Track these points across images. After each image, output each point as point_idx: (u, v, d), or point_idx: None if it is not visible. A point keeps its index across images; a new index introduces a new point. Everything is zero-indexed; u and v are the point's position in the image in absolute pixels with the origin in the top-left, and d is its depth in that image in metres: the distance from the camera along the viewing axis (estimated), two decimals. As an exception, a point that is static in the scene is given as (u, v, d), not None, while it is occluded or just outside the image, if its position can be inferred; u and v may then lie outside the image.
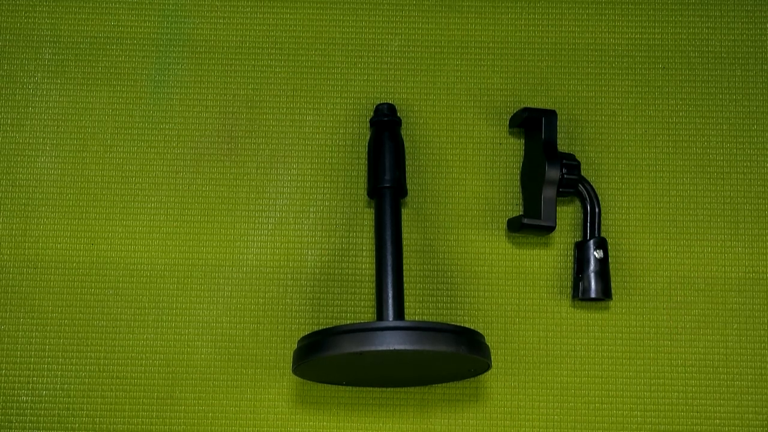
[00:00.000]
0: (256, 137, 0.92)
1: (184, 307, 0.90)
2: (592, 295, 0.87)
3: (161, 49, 0.93)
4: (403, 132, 0.92)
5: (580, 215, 0.91)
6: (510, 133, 0.93)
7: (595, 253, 0.88)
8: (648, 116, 0.93)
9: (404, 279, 0.86)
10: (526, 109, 0.89)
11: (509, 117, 0.92)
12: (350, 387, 0.89)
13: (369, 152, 0.90)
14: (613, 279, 0.90)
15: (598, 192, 0.91)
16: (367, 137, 0.92)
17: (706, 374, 0.90)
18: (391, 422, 0.89)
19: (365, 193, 0.91)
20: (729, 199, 0.92)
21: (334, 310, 0.90)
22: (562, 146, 0.92)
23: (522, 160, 0.92)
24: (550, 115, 0.88)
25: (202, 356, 0.89)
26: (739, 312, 0.90)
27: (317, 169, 0.92)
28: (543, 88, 0.93)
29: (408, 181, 0.91)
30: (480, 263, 0.91)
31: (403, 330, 0.75)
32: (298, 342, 0.80)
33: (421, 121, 0.93)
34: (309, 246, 0.91)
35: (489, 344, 0.84)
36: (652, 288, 0.91)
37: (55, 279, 0.90)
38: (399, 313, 0.82)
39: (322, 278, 0.90)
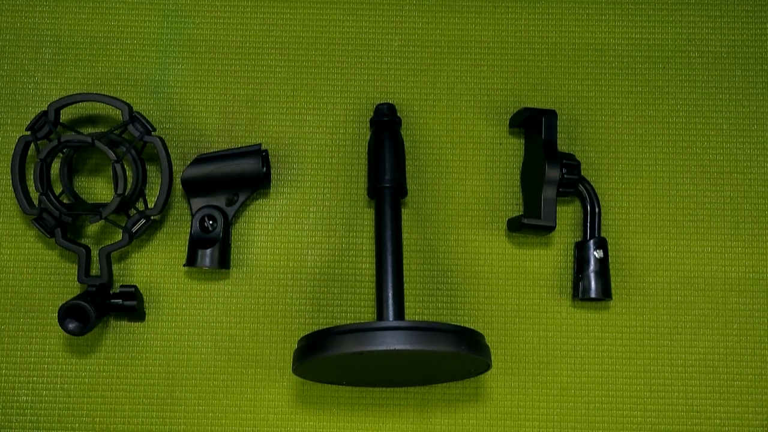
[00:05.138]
0: (256, 137, 0.92)
1: (184, 306, 0.90)
2: (592, 295, 0.87)
3: (161, 49, 0.93)
4: (403, 132, 0.92)
5: (580, 215, 0.91)
6: (510, 133, 0.93)
7: (595, 253, 0.88)
8: (648, 116, 0.93)
9: (404, 279, 0.86)
10: (526, 109, 0.89)
11: (509, 117, 0.93)
12: (350, 387, 0.89)
13: (369, 152, 0.90)
14: (613, 279, 0.90)
15: (598, 192, 0.91)
16: (367, 137, 0.92)
17: (706, 374, 0.90)
18: (391, 422, 0.89)
19: (365, 193, 0.91)
20: (729, 199, 0.92)
21: (334, 310, 0.90)
22: (562, 146, 0.92)
23: (522, 160, 0.92)
24: (550, 115, 0.88)
25: (202, 356, 0.89)
26: (739, 312, 0.90)
27: (317, 169, 0.92)
28: (543, 88, 0.93)
29: (408, 181, 0.91)
30: (480, 263, 0.91)
31: (403, 330, 0.75)
32: (298, 342, 0.81)
33: (421, 121, 0.93)
34: (309, 246, 0.91)
35: (489, 344, 0.84)
36: (652, 288, 0.91)
37: (55, 279, 0.90)
38: (399, 313, 0.82)
39: (322, 278, 0.90)
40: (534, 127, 0.90)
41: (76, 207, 0.88)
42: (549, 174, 0.86)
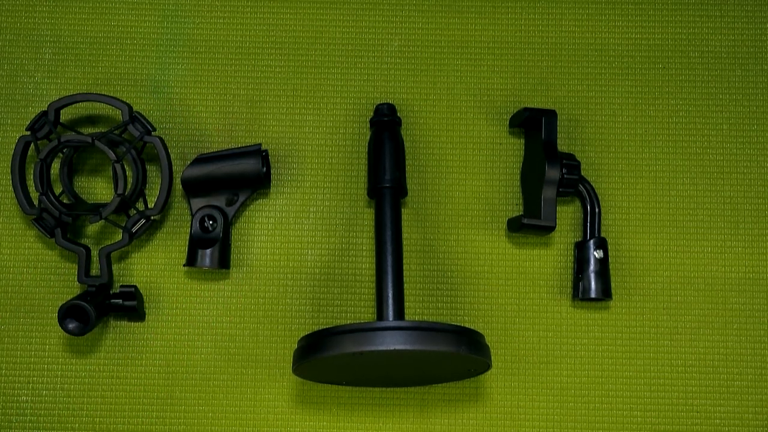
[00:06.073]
0: (256, 137, 0.92)
1: (184, 306, 0.90)
2: (592, 295, 0.87)
3: (161, 49, 0.93)
4: (403, 132, 0.92)
5: (580, 215, 0.91)
6: (510, 133, 0.93)
7: (595, 253, 0.88)
8: (648, 116, 0.93)
9: (404, 279, 0.86)
10: (526, 109, 0.89)
11: (509, 117, 0.93)
12: (350, 387, 0.89)
13: (369, 152, 0.90)
14: (613, 279, 0.90)
15: (598, 192, 0.91)
16: (367, 137, 0.92)
17: (706, 374, 0.90)
18: (391, 422, 0.89)
19: (365, 193, 0.91)
20: (729, 199, 0.92)
21: (334, 310, 0.90)
22: (562, 146, 0.92)
23: (522, 160, 0.92)
24: (550, 115, 0.88)
25: (202, 356, 0.89)
26: (739, 312, 0.90)
27: (317, 169, 0.92)
28: (543, 88, 0.93)
29: (408, 181, 0.91)
30: (480, 263, 0.91)
31: (403, 330, 0.75)
32: (298, 342, 0.81)
33: (421, 121, 0.93)
34: (309, 246, 0.91)
35: (489, 344, 0.84)
36: (652, 288, 0.91)
37: (55, 279, 0.90)
38: (399, 313, 0.82)
39: (322, 278, 0.90)
40: (534, 127, 0.90)
41: (76, 207, 0.88)
42: (549, 174, 0.86)
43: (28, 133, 0.87)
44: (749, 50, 0.94)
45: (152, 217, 0.88)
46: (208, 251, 0.87)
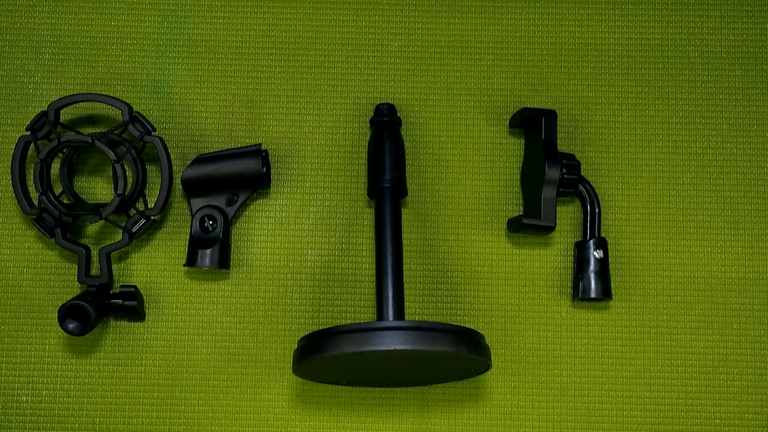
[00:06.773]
0: (256, 137, 0.92)
1: (184, 306, 0.90)
2: (592, 295, 0.87)
3: (161, 49, 0.93)
4: (403, 132, 0.92)
5: (580, 215, 0.91)
6: (510, 133, 0.93)
7: (595, 253, 0.88)
8: (648, 116, 0.93)
9: (404, 279, 0.86)
10: (526, 109, 0.89)
11: (509, 117, 0.93)
12: (350, 387, 0.89)
13: (369, 152, 0.90)
14: (613, 279, 0.90)
15: (598, 192, 0.91)
16: (367, 137, 0.92)
17: (706, 374, 0.90)
18: (391, 422, 0.89)
19: (365, 193, 0.91)
20: (729, 199, 0.92)
21: (334, 310, 0.90)
22: (562, 146, 0.92)
23: (522, 160, 0.92)
24: (550, 115, 0.88)
25: (202, 356, 0.89)
26: (739, 312, 0.90)
27: (317, 169, 0.92)
28: (543, 88, 0.93)
29: (408, 181, 0.91)
30: (480, 263, 0.91)
31: (403, 330, 0.75)
32: (298, 342, 0.81)
33: (421, 121, 0.93)
34: (309, 246, 0.91)
35: (489, 344, 0.84)
36: (652, 288, 0.91)
37: (55, 279, 0.90)
38: (399, 313, 0.82)
39: (322, 278, 0.90)
40: (534, 127, 0.90)
41: (76, 207, 0.88)
42: (549, 174, 0.86)
43: (28, 133, 0.87)
44: (749, 50, 0.94)
45: (152, 217, 0.88)
46: (208, 251, 0.87)
